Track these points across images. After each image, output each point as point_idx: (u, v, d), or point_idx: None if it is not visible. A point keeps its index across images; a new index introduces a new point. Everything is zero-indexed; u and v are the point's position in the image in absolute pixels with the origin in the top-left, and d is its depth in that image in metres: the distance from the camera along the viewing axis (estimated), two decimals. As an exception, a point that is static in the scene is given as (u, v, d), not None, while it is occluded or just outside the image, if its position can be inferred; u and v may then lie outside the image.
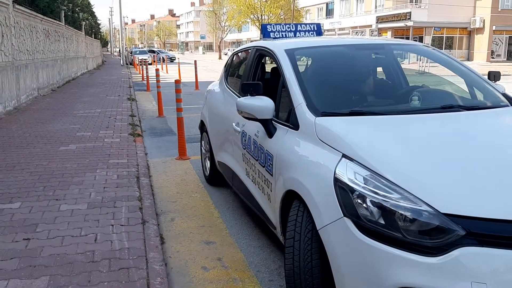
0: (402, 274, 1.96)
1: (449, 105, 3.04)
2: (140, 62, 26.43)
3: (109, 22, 60.17)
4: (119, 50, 49.53)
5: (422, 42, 41.10)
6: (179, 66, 23.84)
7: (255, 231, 3.98)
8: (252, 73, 4.04)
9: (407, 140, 2.49)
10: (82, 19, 28.49)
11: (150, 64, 35.54)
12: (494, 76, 3.68)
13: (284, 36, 4.77)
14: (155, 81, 11.53)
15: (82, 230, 3.66)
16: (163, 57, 37.46)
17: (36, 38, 14.22)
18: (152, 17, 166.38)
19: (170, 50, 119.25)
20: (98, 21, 48.51)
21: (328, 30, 53.25)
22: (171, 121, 9.55)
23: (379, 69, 4.08)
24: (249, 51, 4.37)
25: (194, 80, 17.90)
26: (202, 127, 5.45)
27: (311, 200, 2.41)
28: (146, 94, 15.91)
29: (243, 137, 3.70)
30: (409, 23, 40.69)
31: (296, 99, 3.00)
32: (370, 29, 46.46)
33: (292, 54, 3.46)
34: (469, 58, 43.44)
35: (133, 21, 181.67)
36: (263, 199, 3.33)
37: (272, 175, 3.04)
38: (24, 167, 5.57)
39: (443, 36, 43.21)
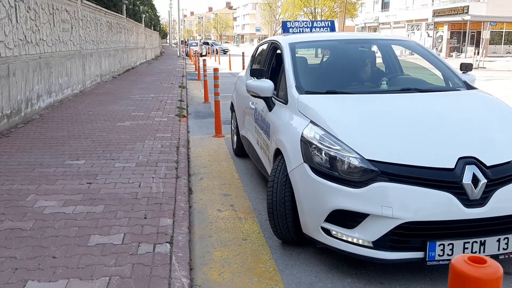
0: (337, 200, 2.86)
1: (407, 88, 3.95)
2: (194, 53, 27.92)
3: (168, 15, 62.62)
4: (177, 42, 51.62)
5: (480, 36, 40.05)
6: (229, 57, 25.07)
7: (264, 188, 4.93)
8: (268, 62, 5.00)
9: (358, 110, 3.40)
10: (142, 12, 30.32)
11: (204, 55, 37.03)
12: (466, 67, 4.38)
13: (301, 31, 5.60)
14: (210, 72, 12.65)
15: (130, 180, 4.77)
16: (216, 49, 38.91)
17: (100, 29, 15.80)
18: (210, 9, 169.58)
19: (226, 42, 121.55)
20: (157, 14, 50.76)
21: (383, 23, 52.78)
22: (214, 106, 10.61)
23: (379, 60, 4.91)
24: (267, 44, 5.32)
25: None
26: (232, 107, 6.46)
27: (286, 152, 3.37)
28: (197, 83, 17.16)
29: (255, 113, 4.67)
30: (466, 17, 39.68)
31: (289, 81, 3.95)
32: (426, 23, 45.66)
33: (293, 47, 4.39)
34: (530, 53, 41.75)
35: (192, 13, 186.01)
36: (265, 159, 4.29)
37: (269, 139, 3.99)
38: (88, 136, 6.82)
39: (502, 31, 41.78)
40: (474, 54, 30.69)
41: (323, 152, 2.98)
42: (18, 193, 4.31)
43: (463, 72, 4.34)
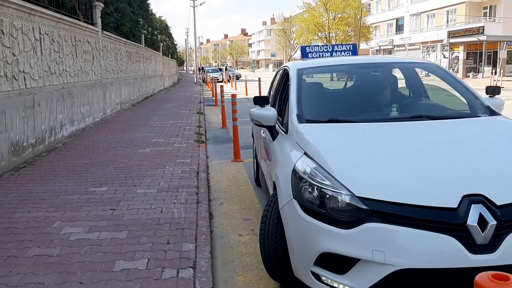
0: (325, 242, 2.53)
1: (418, 115, 3.62)
2: (211, 79, 28.37)
3: (185, 42, 64.07)
4: (194, 69, 52.53)
5: (497, 56, 39.83)
6: (245, 83, 25.39)
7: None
8: (281, 89, 4.77)
9: (357, 141, 3.09)
10: (160, 41, 31.04)
11: (221, 81, 37.56)
12: (492, 90, 4.02)
13: (321, 56, 5.39)
14: (228, 97, 12.83)
15: (152, 205, 4.85)
16: (229, 75, 39.48)
17: (120, 59, 16.22)
18: (226, 36, 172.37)
19: (242, 68, 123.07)
20: (174, 42, 51.88)
21: (398, 46, 52.91)
22: (233, 132, 10.75)
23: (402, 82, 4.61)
24: (282, 70, 5.34)
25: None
26: (252, 134, 6.52)
27: (278, 186, 3.09)
28: (214, 109, 17.39)
29: (265, 142, 4.54)
30: (482, 38, 39.58)
31: (291, 109, 3.71)
32: (441, 44, 45.67)
33: (301, 73, 4.20)
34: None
35: (208, 40, 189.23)
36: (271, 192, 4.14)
37: (271, 170, 3.78)
38: (110, 163, 6.96)
39: (519, 51, 41.47)
40: (492, 74, 30.55)
41: (313, 187, 2.68)
42: (44, 220, 4.42)
43: (489, 96, 3.97)
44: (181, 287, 3.08)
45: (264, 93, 22.94)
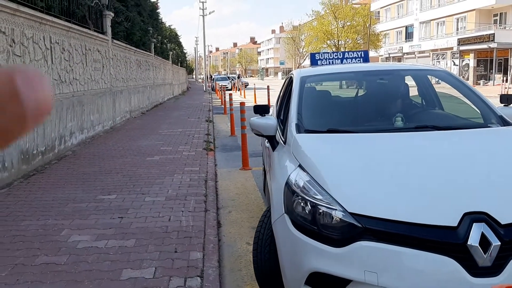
0: (315, 261, 2.38)
1: (423, 125, 3.44)
2: (220, 88, 28.46)
3: (195, 51, 64.39)
4: (203, 77, 52.78)
5: (508, 63, 39.59)
6: (254, 91, 25.43)
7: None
8: (287, 96, 4.58)
9: (355, 154, 2.93)
10: (169, 50, 31.24)
11: (230, 89, 37.69)
12: (507, 99, 3.82)
13: (331, 63, 5.23)
14: (237, 105, 12.85)
15: (160, 213, 4.84)
16: (234, 83, 39.84)
17: (130, 67, 16.33)
18: (235, 44, 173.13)
19: (251, 76, 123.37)
20: (184, 51, 52.21)
21: (407, 54, 52.76)
22: (241, 139, 10.74)
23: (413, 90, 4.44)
24: (288, 78, 5.27)
25: (267, 104, 19.17)
26: (262, 143, 6.49)
27: (272, 200, 2.99)
28: (223, 117, 17.40)
29: (267, 150, 4.44)
30: (493, 45, 39.36)
31: (291, 118, 3.56)
32: (451, 52, 45.46)
33: (304, 80, 4.07)
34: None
35: (217, 49, 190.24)
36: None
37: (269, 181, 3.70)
38: (119, 171, 6.98)
39: (530, 58, 41.15)
40: (503, 82, 30.31)
41: (306, 202, 2.53)
42: (53, 228, 4.43)
43: (504, 105, 3.76)
44: (188, 296, 3.05)
45: (273, 101, 22.85)
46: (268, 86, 21.08)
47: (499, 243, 2.13)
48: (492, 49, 40.10)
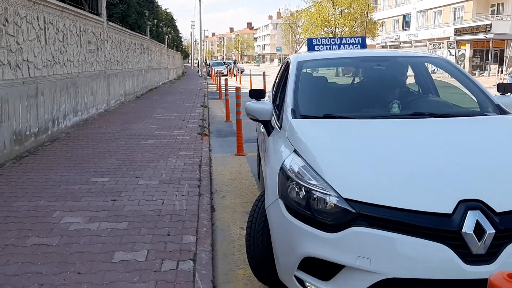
0: (309, 246, 2.37)
1: (419, 113, 3.41)
2: (216, 73, 28.30)
3: (191, 35, 63.91)
4: (198, 62, 52.43)
5: (504, 54, 39.57)
6: (250, 77, 25.27)
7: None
8: (282, 82, 4.52)
9: (351, 139, 2.91)
10: (165, 33, 30.95)
11: (226, 75, 37.53)
12: (504, 88, 3.82)
13: (328, 49, 5.15)
14: (232, 91, 12.77)
15: (153, 197, 4.81)
16: (230, 68, 39.64)
17: (125, 50, 16.16)
18: (231, 30, 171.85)
19: (247, 62, 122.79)
20: (180, 35, 51.72)
21: (404, 42, 52.61)
22: (236, 125, 10.70)
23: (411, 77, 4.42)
24: (285, 63, 5.18)
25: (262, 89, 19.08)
26: (257, 129, 6.44)
27: (266, 185, 2.99)
28: (218, 102, 17.32)
29: (262, 135, 4.41)
30: (489, 36, 39.29)
31: (286, 103, 3.52)
32: (448, 41, 45.38)
33: (300, 65, 4.01)
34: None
35: (213, 34, 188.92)
36: None
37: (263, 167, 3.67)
38: (112, 154, 6.93)
39: (526, 49, 41.15)
40: (498, 72, 30.35)
41: (300, 187, 2.51)
42: (45, 210, 4.39)
43: (501, 94, 3.75)
44: (180, 279, 3.04)
45: (269, 87, 22.91)
46: (264, 72, 20.98)
47: (494, 231, 2.12)
48: (488, 39, 40.03)
